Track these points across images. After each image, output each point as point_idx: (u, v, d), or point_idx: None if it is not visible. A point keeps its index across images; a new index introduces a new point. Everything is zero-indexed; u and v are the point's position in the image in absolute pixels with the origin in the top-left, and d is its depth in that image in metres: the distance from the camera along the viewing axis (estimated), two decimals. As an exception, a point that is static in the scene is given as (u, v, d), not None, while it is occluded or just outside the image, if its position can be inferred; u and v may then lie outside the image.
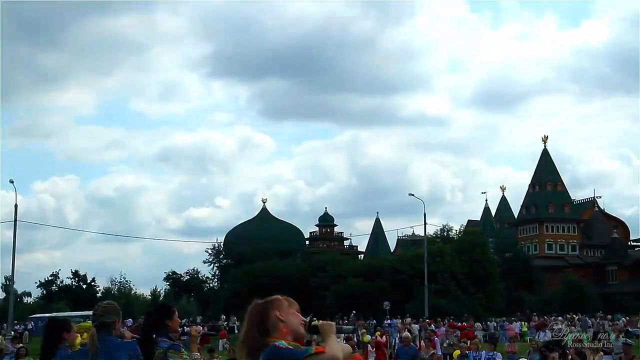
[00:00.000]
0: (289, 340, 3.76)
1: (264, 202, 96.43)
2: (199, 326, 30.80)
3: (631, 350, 17.07)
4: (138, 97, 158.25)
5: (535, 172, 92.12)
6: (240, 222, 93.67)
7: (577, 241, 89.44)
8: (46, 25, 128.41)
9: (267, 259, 72.91)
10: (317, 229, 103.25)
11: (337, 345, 3.79)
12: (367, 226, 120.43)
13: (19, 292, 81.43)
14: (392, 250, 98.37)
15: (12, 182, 50.43)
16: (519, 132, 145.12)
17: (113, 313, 6.01)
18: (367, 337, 29.86)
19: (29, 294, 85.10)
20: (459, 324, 42.32)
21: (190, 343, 7.16)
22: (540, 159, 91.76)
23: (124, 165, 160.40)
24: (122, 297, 77.90)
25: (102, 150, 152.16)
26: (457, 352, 20.59)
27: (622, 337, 24.12)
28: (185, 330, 8.87)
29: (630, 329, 35.00)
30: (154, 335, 6.00)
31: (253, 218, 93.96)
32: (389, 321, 44.75)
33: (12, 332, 45.58)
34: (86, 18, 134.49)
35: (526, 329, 43.60)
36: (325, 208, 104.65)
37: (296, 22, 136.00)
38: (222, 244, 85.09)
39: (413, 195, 59.99)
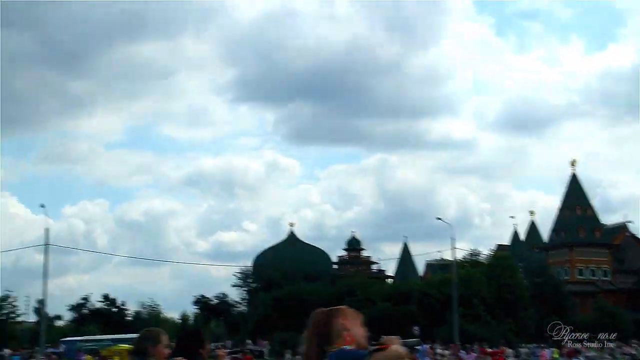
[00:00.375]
0: None
1: (291, 226, 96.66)
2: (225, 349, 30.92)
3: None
4: (165, 122, 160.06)
5: (564, 196, 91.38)
6: (269, 246, 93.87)
7: (608, 266, 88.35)
8: (75, 52, 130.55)
9: (295, 282, 72.93)
10: (344, 253, 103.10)
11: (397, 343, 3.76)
12: (395, 250, 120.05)
13: (51, 315, 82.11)
14: (420, 275, 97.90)
15: (43, 206, 51.30)
16: (546, 156, 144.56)
17: (148, 338, 5.76)
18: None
19: (60, 317, 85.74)
20: (490, 349, 42.09)
21: None
22: (569, 183, 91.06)
23: (152, 189, 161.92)
24: (152, 320, 78.30)
25: (130, 174, 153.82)
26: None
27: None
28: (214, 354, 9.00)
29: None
30: None
31: (281, 242, 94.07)
32: (418, 347, 44.52)
33: (44, 356, 46.06)
34: (114, 45, 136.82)
35: (557, 356, 43.19)
36: (353, 232, 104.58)
37: (321, 47, 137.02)
38: (250, 267, 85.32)
39: (441, 219, 59.92)
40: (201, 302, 79.90)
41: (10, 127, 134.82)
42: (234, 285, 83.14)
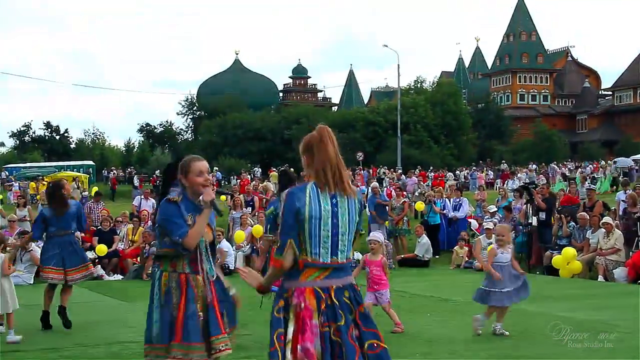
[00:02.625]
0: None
1: (236, 54, 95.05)
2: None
3: (595, 195, 17.59)
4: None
5: (510, 22, 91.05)
6: (214, 74, 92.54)
7: (549, 91, 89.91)
8: None
9: (240, 111, 72.69)
10: (290, 81, 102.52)
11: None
12: (341, 78, 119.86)
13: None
14: (365, 102, 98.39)
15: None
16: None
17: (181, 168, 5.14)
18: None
19: (2, 144, 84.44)
20: (431, 173, 43.17)
21: None
22: (515, 8, 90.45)
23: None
24: (95, 149, 77.91)
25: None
26: (420, 205, 20.98)
27: (588, 183, 24.79)
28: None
29: (596, 176, 35.83)
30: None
31: (226, 70, 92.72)
32: (362, 172, 45.36)
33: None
34: None
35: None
36: (299, 60, 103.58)
37: None
38: (195, 95, 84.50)
39: (387, 46, 59.37)
40: (145, 129, 79.43)
41: None
42: (178, 114, 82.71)
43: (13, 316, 8.37)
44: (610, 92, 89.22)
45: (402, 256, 17.85)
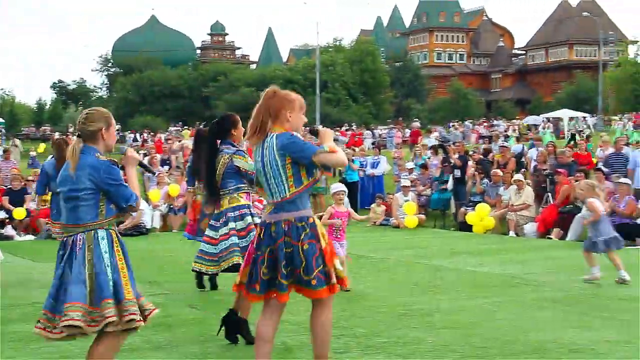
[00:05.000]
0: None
1: (152, 10, 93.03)
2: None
3: (507, 152, 18.05)
4: None
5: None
6: (129, 30, 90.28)
7: (464, 50, 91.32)
8: None
9: (156, 68, 71.37)
10: (208, 38, 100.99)
11: (342, 151, 4.44)
12: (260, 36, 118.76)
13: None
14: (284, 60, 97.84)
15: None
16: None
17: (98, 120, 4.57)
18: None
19: None
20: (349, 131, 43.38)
21: None
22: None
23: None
24: (5, 106, 75.28)
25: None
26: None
27: (502, 140, 25.39)
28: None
29: (509, 134, 36.74)
30: (219, 142, 6.25)
31: (142, 26, 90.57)
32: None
33: None
34: None
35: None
36: (217, 18, 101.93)
37: None
38: (110, 52, 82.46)
39: (306, 3, 59.02)
40: (58, 86, 77.21)
41: None
42: (93, 70, 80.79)
43: None
44: (523, 52, 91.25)
45: (320, 214, 17.93)
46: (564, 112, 46.97)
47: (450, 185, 16.77)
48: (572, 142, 24.38)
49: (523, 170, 17.00)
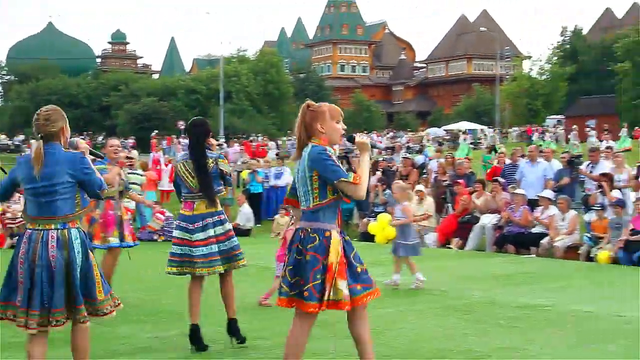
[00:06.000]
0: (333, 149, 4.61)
1: (50, 17, 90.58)
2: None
3: (410, 163, 18.39)
4: None
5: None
6: (25, 37, 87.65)
7: (367, 62, 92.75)
8: None
9: (54, 76, 69.50)
10: (109, 46, 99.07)
11: (366, 177, 4.50)
12: (162, 45, 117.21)
13: None
14: (188, 70, 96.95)
15: None
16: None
17: (60, 119, 4.89)
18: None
19: None
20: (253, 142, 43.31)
21: None
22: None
23: None
24: None
25: None
26: (244, 172, 21.08)
27: (404, 152, 25.84)
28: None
29: (410, 145, 37.45)
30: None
31: (38, 33, 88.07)
32: (186, 140, 44.78)
33: None
34: None
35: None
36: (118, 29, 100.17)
37: None
38: (5, 59, 79.94)
39: (209, 13, 58.67)
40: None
41: None
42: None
43: None
44: (424, 65, 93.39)
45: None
46: (463, 125, 48.35)
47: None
48: (493, 153, 25.43)
49: (424, 180, 17.35)
